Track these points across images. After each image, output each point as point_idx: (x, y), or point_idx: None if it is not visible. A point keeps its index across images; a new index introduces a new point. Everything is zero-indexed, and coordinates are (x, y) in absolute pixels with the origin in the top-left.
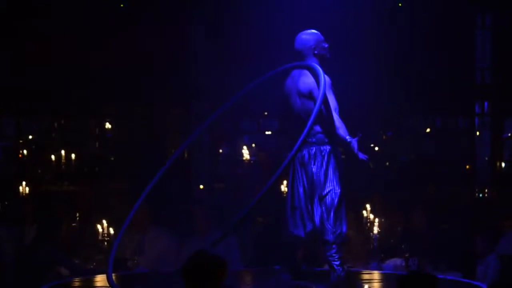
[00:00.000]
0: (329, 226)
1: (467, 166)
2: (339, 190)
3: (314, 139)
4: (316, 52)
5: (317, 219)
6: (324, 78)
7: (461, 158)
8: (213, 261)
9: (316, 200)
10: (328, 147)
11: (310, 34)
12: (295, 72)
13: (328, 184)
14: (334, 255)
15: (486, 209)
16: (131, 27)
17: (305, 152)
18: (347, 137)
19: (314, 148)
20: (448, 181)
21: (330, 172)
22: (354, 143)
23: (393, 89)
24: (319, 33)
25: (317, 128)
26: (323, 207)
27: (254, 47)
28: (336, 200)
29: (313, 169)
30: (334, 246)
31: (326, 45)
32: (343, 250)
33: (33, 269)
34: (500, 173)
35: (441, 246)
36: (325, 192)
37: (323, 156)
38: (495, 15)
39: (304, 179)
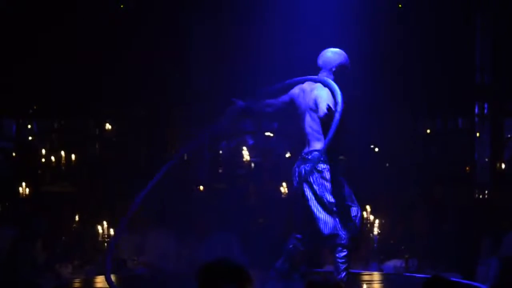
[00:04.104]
0: (342, 232)
1: (467, 167)
2: (345, 202)
3: (310, 157)
4: (334, 70)
5: (332, 226)
6: (341, 97)
7: (461, 159)
8: (236, 269)
9: (327, 210)
10: (324, 165)
11: (336, 54)
12: (307, 86)
13: (332, 198)
14: (343, 258)
15: (486, 210)
16: (131, 28)
17: (301, 168)
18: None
19: (309, 165)
20: (448, 182)
21: (329, 186)
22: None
23: (393, 90)
24: (345, 55)
25: (315, 146)
26: (336, 217)
27: (254, 48)
28: (344, 211)
29: (314, 186)
30: (345, 250)
31: (349, 69)
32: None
33: (16, 269)
34: (500, 174)
35: (441, 247)
36: (332, 205)
37: (321, 172)
38: (495, 15)
39: (310, 192)
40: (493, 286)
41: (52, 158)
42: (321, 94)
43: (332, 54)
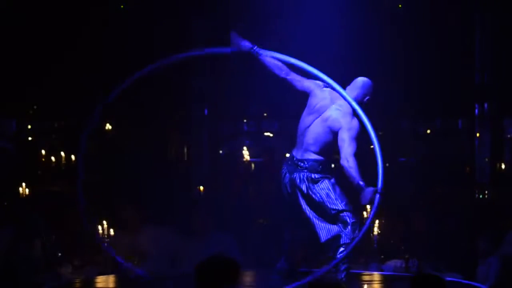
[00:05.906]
0: (345, 233)
1: (467, 167)
2: (344, 208)
3: (306, 165)
4: (365, 98)
5: (332, 232)
6: (370, 124)
7: (461, 159)
8: (228, 264)
9: (326, 217)
10: (319, 175)
11: (369, 88)
12: (331, 97)
13: (332, 205)
14: (344, 259)
15: (486, 210)
16: (131, 27)
17: (295, 175)
18: (360, 182)
19: (305, 173)
20: (448, 182)
21: (326, 194)
22: (366, 194)
23: (393, 90)
24: (369, 91)
25: (313, 155)
26: (338, 223)
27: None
28: (345, 217)
29: (311, 194)
30: (348, 250)
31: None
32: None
33: (15, 269)
34: (500, 174)
35: (441, 247)
36: (333, 212)
37: (317, 181)
38: (495, 15)
39: (303, 201)
40: (493, 286)
41: (52, 158)
42: (352, 128)
43: (368, 87)
